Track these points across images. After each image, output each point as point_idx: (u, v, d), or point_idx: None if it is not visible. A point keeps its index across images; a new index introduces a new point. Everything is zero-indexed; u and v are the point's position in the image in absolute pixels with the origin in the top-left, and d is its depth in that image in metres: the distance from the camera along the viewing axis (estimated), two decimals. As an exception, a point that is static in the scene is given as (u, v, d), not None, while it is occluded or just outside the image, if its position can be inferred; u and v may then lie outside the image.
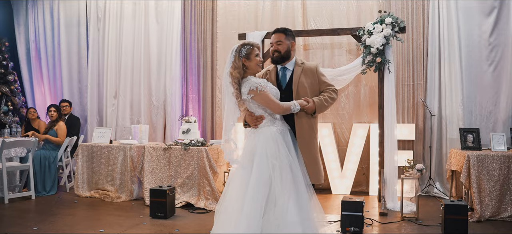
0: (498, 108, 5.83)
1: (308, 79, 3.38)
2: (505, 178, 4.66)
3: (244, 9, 6.89)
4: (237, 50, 3.20)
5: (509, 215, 4.63)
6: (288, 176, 3.08)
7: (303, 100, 3.27)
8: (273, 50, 3.42)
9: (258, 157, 3.12)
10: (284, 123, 3.31)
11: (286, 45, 3.39)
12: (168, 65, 7.20)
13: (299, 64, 3.43)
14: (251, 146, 3.22)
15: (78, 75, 7.92)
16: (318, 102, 3.29)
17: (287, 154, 3.14)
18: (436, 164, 6.05)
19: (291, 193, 3.06)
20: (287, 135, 3.26)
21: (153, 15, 7.34)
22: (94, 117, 7.66)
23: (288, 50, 3.40)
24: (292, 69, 3.43)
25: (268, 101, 3.15)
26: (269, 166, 3.08)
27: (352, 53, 6.41)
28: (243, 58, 3.19)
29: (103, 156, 5.96)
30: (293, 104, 3.21)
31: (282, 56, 3.39)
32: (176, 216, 4.99)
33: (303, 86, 3.35)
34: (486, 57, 5.89)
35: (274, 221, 3.01)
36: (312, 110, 3.29)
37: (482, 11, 5.91)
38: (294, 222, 3.01)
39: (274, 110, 3.19)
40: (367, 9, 6.37)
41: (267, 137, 3.17)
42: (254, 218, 2.99)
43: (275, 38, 3.42)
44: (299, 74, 3.38)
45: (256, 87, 3.12)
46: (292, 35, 3.46)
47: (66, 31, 7.95)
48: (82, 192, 6.00)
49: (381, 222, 4.64)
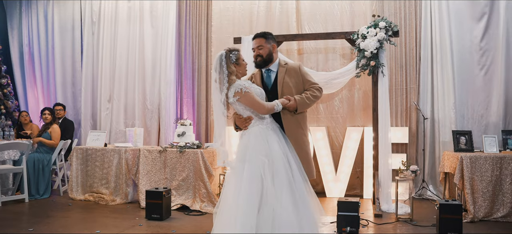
0: (489, 112, 5.93)
1: (292, 79, 3.46)
2: (497, 179, 4.74)
3: (239, 13, 6.94)
4: (227, 56, 3.25)
5: (502, 216, 4.70)
6: (280, 172, 3.11)
7: (285, 99, 3.35)
8: (256, 55, 3.51)
9: (249, 156, 3.17)
10: (273, 121, 3.38)
11: (267, 49, 3.48)
12: (163, 69, 7.22)
13: (283, 65, 3.52)
14: (243, 146, 3.28)
15: (72, 79, 7.90)
16: (299, 100, 3.37)
17: (278, 149, 3.18)
18: (429, 166, 6.12)
19: (284, 188, 3.08)
20: (278, 131, 3.33)
21: (148, 19, 7.37)
22: (88, 120, 7.63)
23: (270, 53, 3.49)
24: (276, 70, 3.52)
25: (253, 102, 3.21)
26: (259, 163, 3.12)
27: (345, 57, 6.48)
28: (233, 63, 3.26)
29: (97, 159, 5.94)
30: (276, 103, 3.28)
31: (265, 60, 3.49)
32: (172, 218, 4.98)
33: (287, 86, 3.44)
34: (477, 61, 6.00)
35: (268, 218, 3.03)
36: (293, 108, 3.36)
37: (473, 17, 6.03)
38: (289, 221, 3.03)
39: (259, 111, 3.25)
40: (360, 13, 6.46)
41: (257, 135, 3.24)
42: (248, 216, 3.00)
43: (256, 43, 3.51)
44: (283, 75, 3.47)
45: (241, 89, 3.18)
46: (273, 38, 3.54)
47: (60, 34, 7.95)
48: (76, 195, 5.97)
49: (377, 223, 4.68)
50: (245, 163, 3.16)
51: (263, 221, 3.03)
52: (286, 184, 3.10)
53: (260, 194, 3.07)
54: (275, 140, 3.23)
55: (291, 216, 3.04)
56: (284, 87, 3.43)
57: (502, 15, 5.89)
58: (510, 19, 5.89)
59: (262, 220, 3.03)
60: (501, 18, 5.89)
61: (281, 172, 3.12)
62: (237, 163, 3.25)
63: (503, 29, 5.88)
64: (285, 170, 3.13)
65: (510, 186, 4.71)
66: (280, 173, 3.12)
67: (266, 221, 3.02)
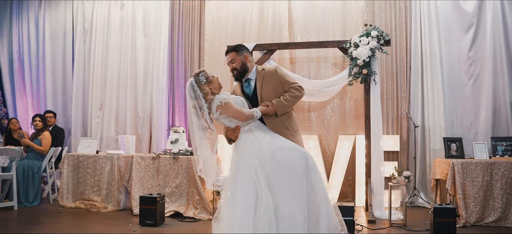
0: (478, 120, 6.05)
1: (271, 83, 3.51)
2: (488, 185, 4.83)
3: (231, 22, 6.99)
4: (196, 81, 3.33)
5: (493, 220, 4.78)
6: (276, 169, 3.14)
7: (262, 106, 3.41)
8: (231, 69, 3.59)
9: (241, 160, 3.23)
10: (261, 123, 3.44)
11: (240, 61, 3.53)
12: (155, 77, 7.21)
13: (260, 72, 3.57)
14: (235, 155, 3.35)
15: (63, 86, 7.82)
16: (277, 103, 3.41)
17: (267, 142, 3.23)
18: (420, 174, 6.19)
19: (280, 187, 3.11)
20: (266, 130, 3.40)
21: (140, 28, 7.37)
22: (78, 128, 7.55)
23: (243, 64, 3.54)
24: (254, 78, 3.57)
25: (233, 111, 3.29)
26: (250, 166, 3.16)
27: (337, 66, 6.57)
28: (206, 84, 3.34)
29: (89, 166, 5.88)
30: (254, 110, 3.36)
31: (240, 72, 3.55)
32: (165, 224, 4.95)
33: (267, 92, 3.49)
34: (466, 71, 6.13)
35: (263, 217, 3.05)
36: (273, 112, 3.41)
37: (461, 28, 6.18)
38: (287, 218, 3.06)
39: (239, 118, 3.32)
40: (352, 24, 6.56)
41: (245, 140, 3.32)
42: (245, 216, 3.03)
43: (228, 58, 3.58)
44: (262, 81, 3.52)
45: (221, 102, 3.28)
46: (244, 49, 3.59)
47: (51, 42, 7.88)
48: (67, 202, 5.88)
49: (371, 228, 4.72)
50: (238, 170, 3.21)
51: (260, 221, 3.05)
52: (281, 183, 3.13)
53: (255, 196, 3.09)
54: (265, 138, 3.30)
55: (286, 213, 3.07)
56: (264, 94, 3.49)
57: (489, 27, 6.04)
58: (496, 30, 6.05)
59: (258, 219, 3.05)
60: (488, 29, 6.05)
61: (275, 169, 3.15)
62: (232, 171, 3.31)
63: (490, 40, 6.03)
64: (280, 166, 3.16)
65: (501, 191, 4.80)
66: (275, 171, 3.15)
67: (263, 220, 3.04)
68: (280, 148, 3.26)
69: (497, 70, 6.02)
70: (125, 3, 7.49)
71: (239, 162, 3.25)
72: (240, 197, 3.09)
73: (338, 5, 6.62)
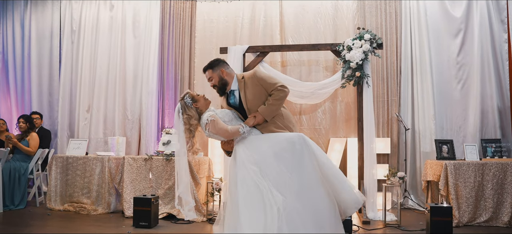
0: (467, 123, 6.17)
1: (253, 89, 3.49)
2: (479, 185, 4.92)
3: (223, 25, 6.98)
4: (183, 106, 3.45)
5: (484, 220, 4.88)
6: (275, 169, 3.15)
7: (250, 118, 3.42)
8: (212, 86, 3.61)
9: (240, 172, 3.22)
10: (252, 128, 3.45)
11: (217, 76, 3.55)
12: (145, 80, 7.12)
13: (241, 80, 3.55)
14: (233, 164, 3.36)
15: (49, 88, 7.64)
16: (264, 111, 3.40)
17: (267, 148, 3.23)
18: (411, 176, 6.26)
19: (286, 186, 3.11)
20: (259, 133, 3.41)
21: (130, 29, 7.28)
22: (65, 130, 7.38)
23: (221, 78, 3.55)
24: (237, 88, 3.57)
25: (218, 130, 3.33)
26: (251, 173, 3.16)
27: (328, 69, 6.61)
28: (193, 105, 3.43)
29: (79, 167, 5.75)
30: (241, 126, 3.36)
31: (220, 87, 3.58)
32: (159, 226, 4.87)
33: (251, 99, 3.48)
34: (455, 75, 6.26)
35: (274, 217, 3.02)
36: (262, 121, 3.42)
37: (450, 33, 6.31)
38: (295, 209, 3.06)
39: (224, 136, 3.36)
40: (343, 28, 6.62)
41: (240, 148, 3.32)
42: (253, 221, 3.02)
43: (206, 76, 3.61)
44: (244, 90, 3.51)
45: (207, 121, 3.33)
46: (219, 63, 3.59)
47: (37, 43, 7.71)
48: (55, 205, 5.73)
49: (367, 229, 4.74)
50: (237, 180, 3.20)
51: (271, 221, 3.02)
52: (286, 178, 3.12)
53: (261, 200, 3.07)
54: (261, 141, 3.31)
55: (295, 205, 3.07)
56: (248, 102, 3.49)
57: (476, 32, 6.19)
58: (484, 35, 6.20)
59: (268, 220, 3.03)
60: (476, 34, 6.20)
61: (275, 169, 3.15)
62: (230, 183, 3.31)
63: (477, 45, 6.18)
64: (283, 164, 3.18)
65: (492, 191, 4.89)
66: (276, 172, 3.14)
67: (272, 221, 3.01)
68: (277, 142, 3.26)
69: (484, 75, 6.17)
70: (114, 3, 7.40)
71: (237, 175, 3.23)
72: (244, 203, 3.08)
73: (330, 9, 6.68)
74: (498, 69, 6.17)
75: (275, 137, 3.35)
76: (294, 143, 3.23)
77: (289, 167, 3.17)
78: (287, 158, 3.19)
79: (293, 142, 3.24)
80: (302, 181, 3.13)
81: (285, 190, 3.10)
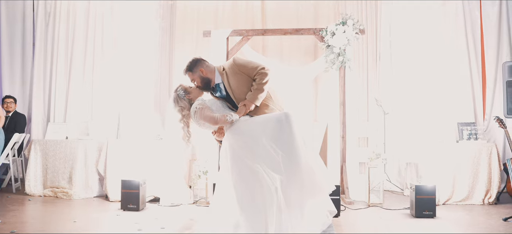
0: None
1: (236, 78, 3.51)
2: (456, 166, 5.17)
3: (204, 9, 6.92)
4: (176, 98, 3.52)
5: (461, 199, 5.15)
6: (267, 150, 3.18)
7: (240, 108, 3.43)
8: (196, 87, 3.60)
9: (231, 155, 3.27)
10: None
11: (197, 76, 3.56)
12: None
13: (222, 72, 3.56)
14: (224, 149, 3.38)
15: (22, 72, 7.29)
16: (251, 98, 3.42)
17: (261, 132, 3.26)
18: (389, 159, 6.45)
19: (280, 165, 3.15)
20: (248, 117, 3.45)
21: (108, 13, 7.03)
22: (40, 115, 7.06)
23: (202, 78, 3.56)
24: (221, 80, 3.58)
25: (205, 117, 3.36)
26: (243, 158, 3.21)
27: (309, 55, 6.70)
28: (186, 96, 3.49)
29: (59, 151, 5.59)
30: (229, 115, 3.35)
31: (204, 86, 3.59)
32: (147, 208, 4.84)
33: (236, 88, 3.51)
34: (434, 63, 6.40)
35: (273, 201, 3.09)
36: (253, 107, 3.45)
37: (428, 25, 6.43)
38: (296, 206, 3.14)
39: (211, 123, 3.37)
40: (323, 15, 6.72)
41: (230, 133, 3.35)
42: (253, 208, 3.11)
43: (189, 78, 3.62)
44: (227, 81, 3.53)
45: (196, 109, 3.40)
46: (197, 63, 3.58)
47: (7, 25, 7.30)
48: (35, 191, 5.56)
49: (352, 208, 4.87)
50: (230, 165, 3.26)
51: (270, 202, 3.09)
52: (279, 157, 3.17)
53: (257, 181, 3.13)
54: (250, 125, 3.35)
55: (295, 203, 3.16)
56: (235, 91, 3.51)
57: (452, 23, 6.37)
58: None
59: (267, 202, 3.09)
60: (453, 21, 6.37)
61: (269, 149, 3.20)
62: (223, 169, 3.37)
63: (453, 35, 6.36)
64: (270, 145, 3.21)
65: (467, 172, 5.14)
66: (269, 158, 3.19)
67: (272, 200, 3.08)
68: (265, 123, 3.30)
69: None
70: (91, -16, 7.15)
71: (230, 157, 3.28)
72: (239, 187, 3.16)
73: (311, -5, 6.76)
74: (476, 57, 6.34)
75: (263, 118, 3.39)
76: (282, 121, 3.26)
77: (280, 145, 3.19)
78: (277, 137, 3.22)
79: (280, 120, 3.27)
80: (295, 157, 3.18)
81: (280, 169, 3.14)
